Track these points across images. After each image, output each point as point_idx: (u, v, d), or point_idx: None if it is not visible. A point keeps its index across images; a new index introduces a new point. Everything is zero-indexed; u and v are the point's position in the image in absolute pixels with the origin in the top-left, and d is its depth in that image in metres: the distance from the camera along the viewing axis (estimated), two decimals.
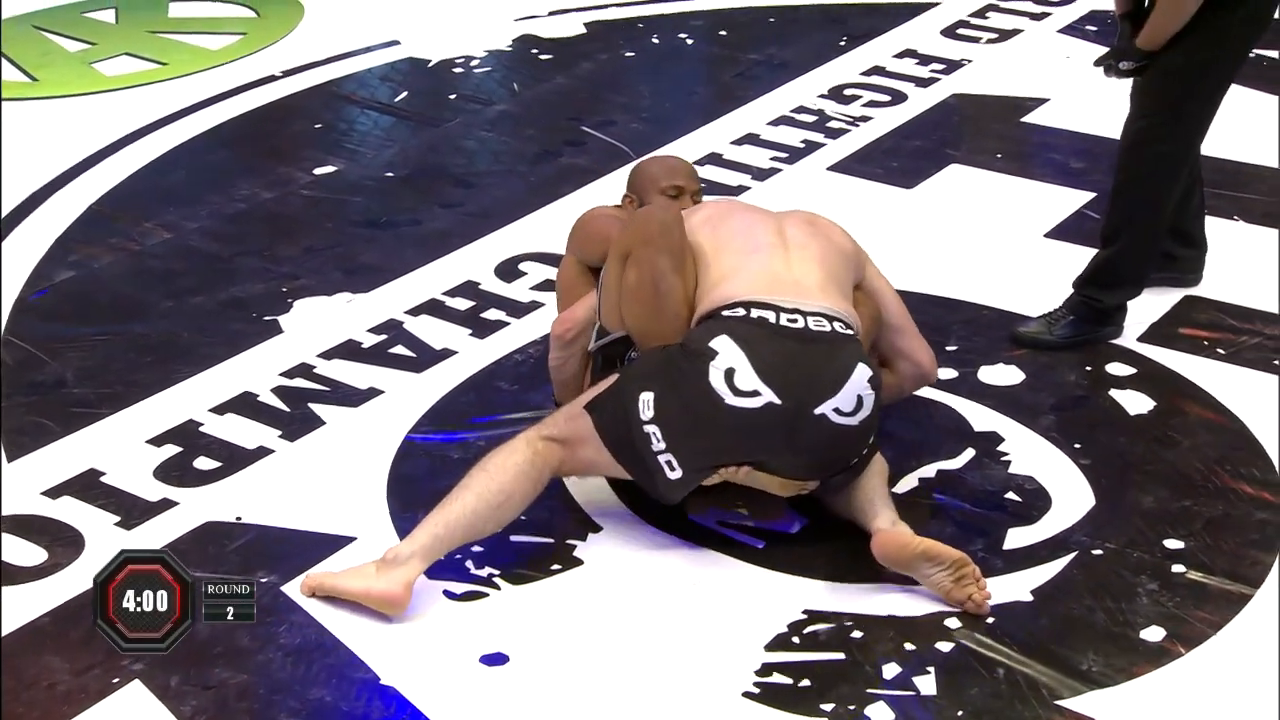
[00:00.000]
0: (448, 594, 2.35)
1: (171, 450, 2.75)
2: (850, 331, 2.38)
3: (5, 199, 3.84)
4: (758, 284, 2.39)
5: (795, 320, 2.32)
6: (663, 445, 2.30)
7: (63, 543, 2.46)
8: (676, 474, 2.31)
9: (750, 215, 2.63)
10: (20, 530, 2.49)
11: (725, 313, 2.35)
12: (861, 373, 2.31)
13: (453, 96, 4.72)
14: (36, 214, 3.79)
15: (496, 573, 2.39)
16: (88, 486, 2.62)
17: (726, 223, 2.56)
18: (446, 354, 3.08)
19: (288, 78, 4.83)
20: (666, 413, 2.29)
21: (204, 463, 2.71)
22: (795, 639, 2.24)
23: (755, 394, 2.26)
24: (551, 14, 5.46)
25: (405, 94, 4.77)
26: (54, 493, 2.61)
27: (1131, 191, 3.00)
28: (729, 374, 2.26)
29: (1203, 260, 3.26)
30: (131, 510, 2.56)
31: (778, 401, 2.27)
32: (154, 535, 2.49)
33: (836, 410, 2.30)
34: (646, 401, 2.30)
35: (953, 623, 2.26)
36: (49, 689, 2.15)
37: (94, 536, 2.48)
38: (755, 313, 2.33)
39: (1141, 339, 3.06)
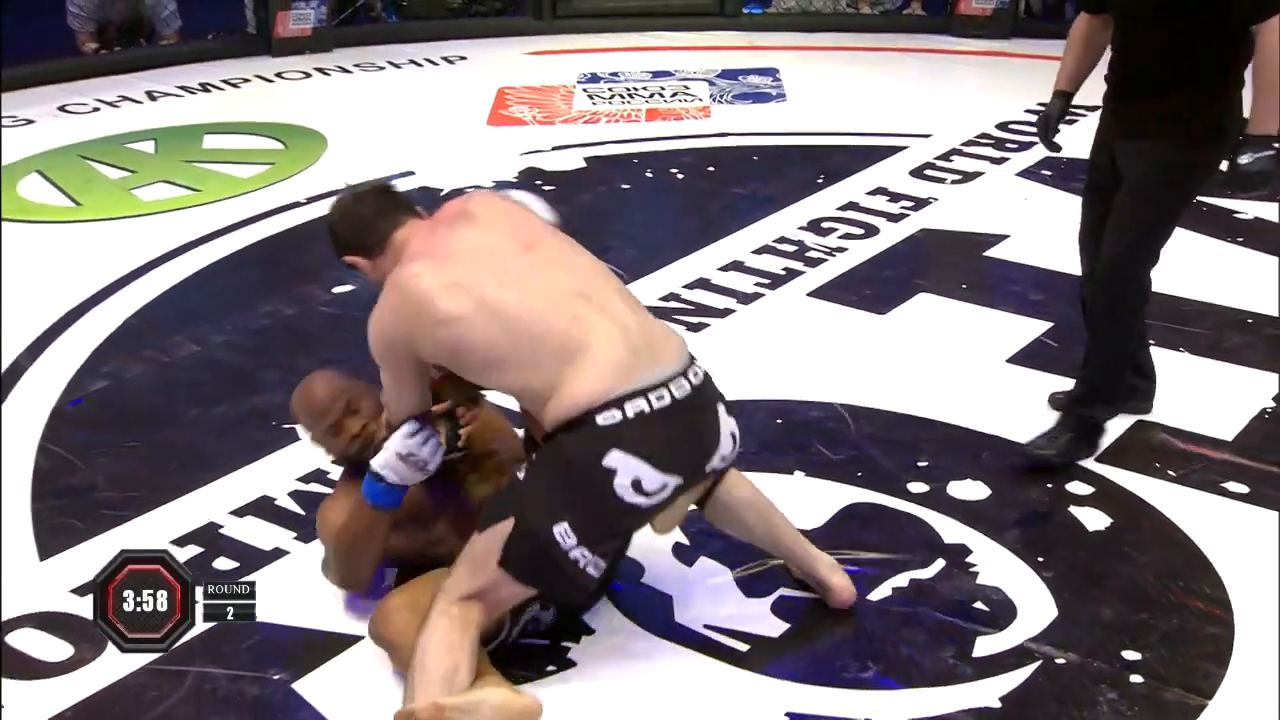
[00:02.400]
0: None
1: (193, 550, 2.72)
2: (701, 373, 2.25)
3: (47, 315, 3.85)
4: (607, 376, 2.14)
5: (663, 398, 2.15)
6: (588, 556, 2.15)
7: (88, 639, 2.41)
8: (598, 568, 2.18)
9: (504, 276, 2.24)
10: (48, 626, 2.45)
11: (600, 420, 2.12)
12: (721, 409, 2.24)
13: None
14: (75, 328, 3.79)
15: None
16: None
17: (504, 298, 2.20)
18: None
19: (311, 204, 4.87)
20: (587, 531, 2.14)
21: (223, 563, 2.68)
22: None
23: (664, 487, 2.15)
24: (554, 149, 5.54)
25: None
26: (81, 591, 2.56)
27: (1119, 311, 2.99)
28: (636, 484, 2.12)
29: (1154, 390, 3.27)
30: None
31: (682, 481, 2.18)
32: None
33: (723, 459, 2.26)
34: (564, 532, 2.12)
35: None
36: None
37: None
38: (629, 409, 2.12)
39: (1099, 460, 3.06)
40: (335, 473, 2.99)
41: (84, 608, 2.50)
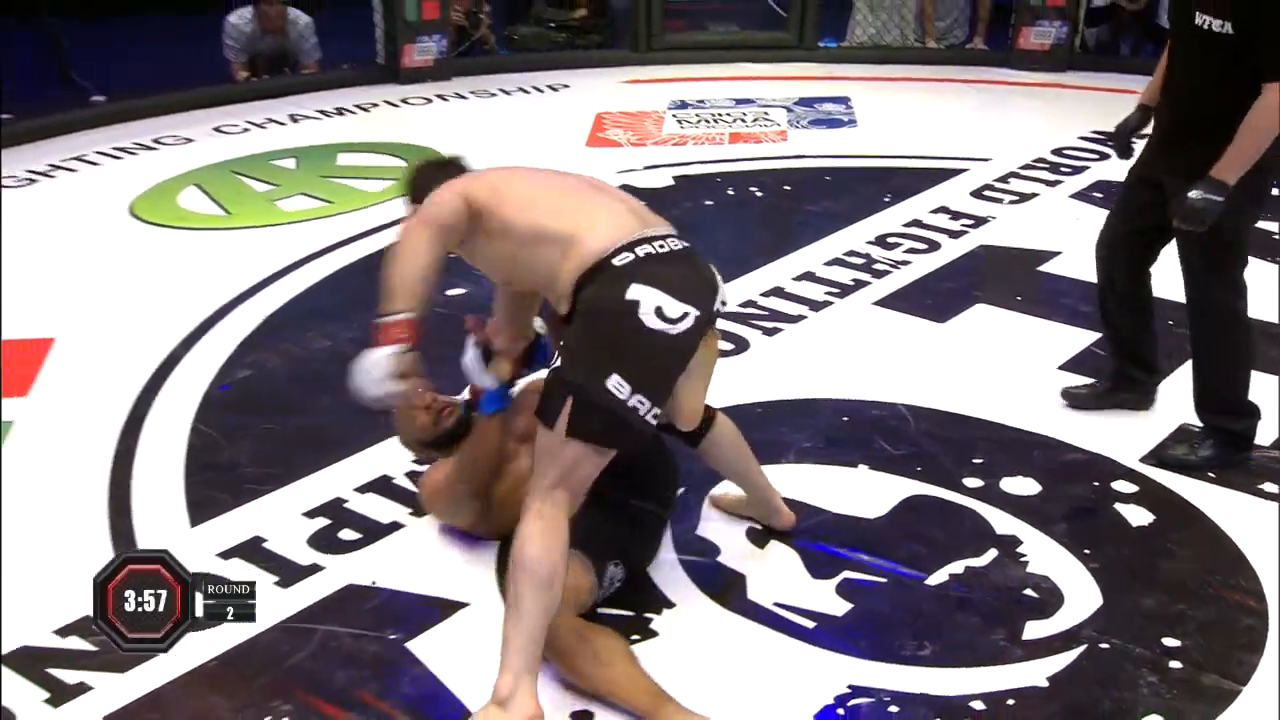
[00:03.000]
0: (544, 657, 2.30)
1: (322, 522, 2.75)
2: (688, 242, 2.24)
3: (202, 311, 3.92)
4: (617, 230, 2.16)
5: (664, 245, 2.16)
6: (646, 404, 2.07)
7: None
8: (655, 416, 2.11)
9: (548, 182, 2.35)
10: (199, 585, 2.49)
11: (616, 262, 2.11)
12: (713, 268, 2.26)
13: None
14: (224, 322, 3.86)
15: None
16: (253, 551, 2.63)
17: (533, 197, 2.26)
18: None
19: None
20: (636, 376, 2.07)
21: (347, 534, 2.71)
22: (840, 710, 2.17)
23: (685, 316, 2.09)
24: (646, 168, 5.53)
25: None
26: (225, 555, 2.62)
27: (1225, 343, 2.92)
28: (659, 311, 2.07)
29: (1155, 385, 3.17)
30: (287, 572, 2.56)
31: (699, 313, 2.12)
32: (305, 594, 2.49)
33: (722, 302, 2.24)
34: (617, 384, 2.05)
35: (978, 704, 2.18)
36: None
37: (258, 593, 2.47)
38: (640, 250, 2.13)
39: (1143, 460, 2.97)
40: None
41: (227, 570, 2.56)
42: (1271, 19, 2.56)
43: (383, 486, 2.90)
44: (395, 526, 2.74)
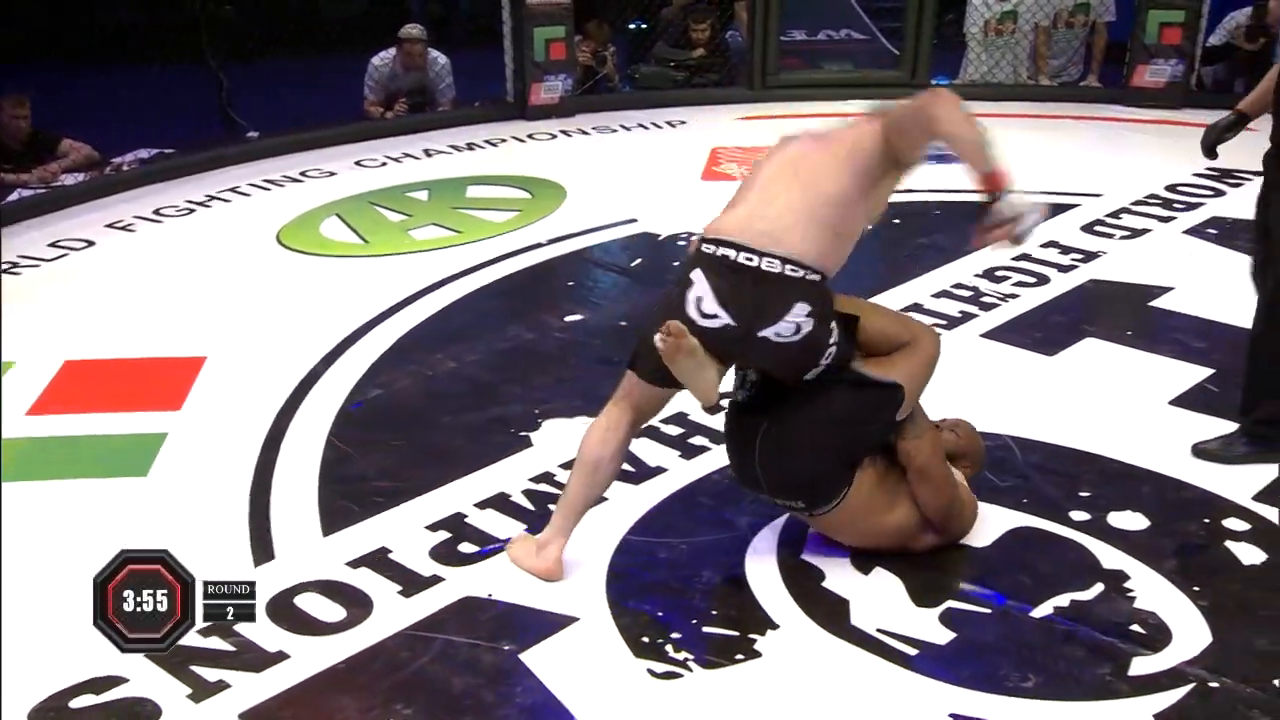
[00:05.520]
0: (650, 672, 2.30)
1: (443, 535, 2.79)
2: (800, 274, 2.35)
3: (339, 332, 4.02)
4: (737, 224, 2.40)
5: (751, 260, 2.34)
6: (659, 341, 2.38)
7: (358, 604, 2.51)
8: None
9: (783, 157, 2.52)
10: (327, 592, 2.56)
11: (705, 248, 2.40)
12: (800, 308, 2.35)
13: (676, 264, 4.71)
14: (359, 344, 3.96)
15: (691, 658, 2.33)
16: (379, 560, 2.68)
17: (768, 159, 2.53)
18: (659, 470, 3.07)
19: (550, 245, 4.98)
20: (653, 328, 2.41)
21: (467, 547, 2.74)
22: None
23: (715, 316, 2.36)
24: None
25: (639, 260, 4.86)
26: (354, 564, 2.67)
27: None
28: (698, 301, 2.37)
29: None
30: (410, 582, 2.60)
31: (731, 323, 2.35)
32: (426, 604, 2.52)
33: (777, 334, 2.36)
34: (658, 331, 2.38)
35: None
36: None
37: (381, 602, 2.53)
38: (721, 251, 2.37)
39: (1256, 498, 2.83)
40: (560, 475, 3.04)
41: (355, 578, 2.61)
42: None
43: (500, 503, 2.93)
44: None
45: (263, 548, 2.74)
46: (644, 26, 8.75)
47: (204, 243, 5.16)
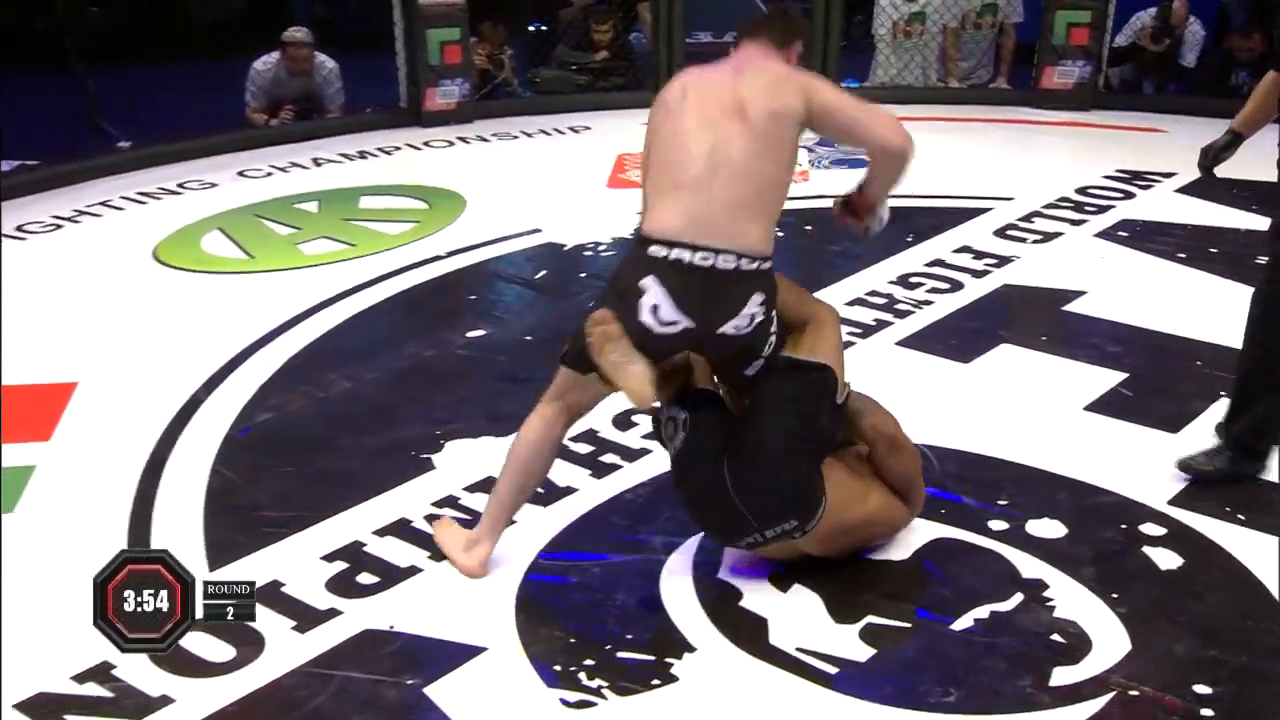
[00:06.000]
0: (563, 701, 2.30)
1: (340, 566, 2.75)
2: (754, 266, 2.43)
3: (223, 354, 3.96)
4: (681, 222, 2.41)
5: (707, 259, 2.39)
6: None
7: (249, 642, 2.46)
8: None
9: (701, 118, 2.47)
10: (215, 631, 2.49)
11: (651, 250, 2.41)
12: (755, 299, 2.44)
13: (583, 275, 4.80)
14: (246, 365, 3.89)
15: (605, 685, 2.34)
16: (271, 595, 2.63)
17: (680, 128, 2.47)
18: (569, 490, 3.07)
19: (450, 258, 4.96)
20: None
21: (365, 578, 2.71)
22: None
23: (675, 323, 2.41)
24: None
25: (544, 272, 4.86)
26: None
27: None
28: (654, 309, 2.40)
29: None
30: (305, 617, 2.56)
31: (691, 325, 2.42)
32: (323, 639, 2.48)
33: (735, 328, 2.44)
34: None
35: None
36: None
37: (274, 638, 2.48)
38: (674, 254, 2.39)
39: (1171, 503, 2.95)
40: (464, 498, 3.02)
41: None
42: None
43: (402, 529, 2.91)
44: (413, 570, 2.74)
45: None
46: (543, 28, 8.79)
47: (73, 261, 5.03)
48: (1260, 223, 5.11)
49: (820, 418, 2.52)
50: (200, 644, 2.45)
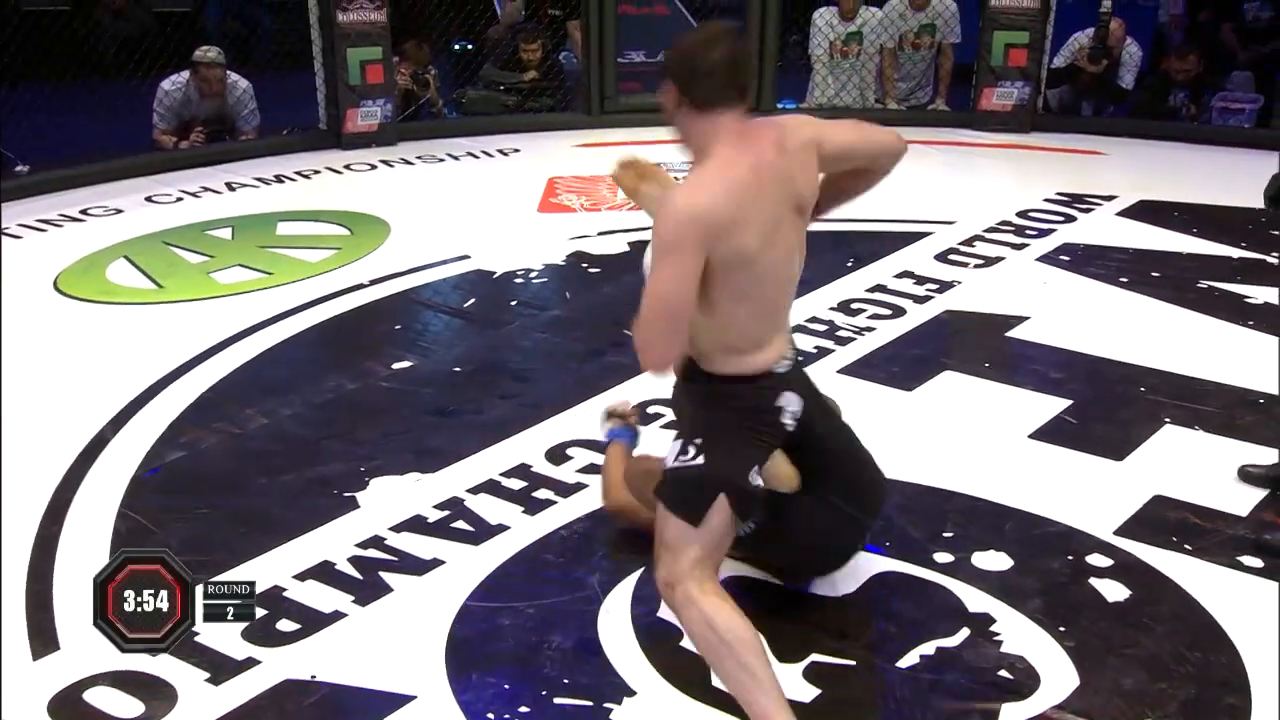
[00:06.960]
0: None
1: (258, 613, 2.70)
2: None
3: (130, 389, 3.89)
4: (781, 345, 2.55)
5: (791, 358, 2.60)
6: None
7: (159, 696, 2.41)
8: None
9: (792, 241, 2.51)
10: (122, 684, 2.44)
11: (778, 370, 2.53)
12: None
13: (513, 303, 4.80)
14: (155, 401, 3.83)
15: None
16: (182, 645, 2.54)
17: (778, 257, 2.46)
18: (501, 529, 3.06)
19: (374, 286, 4.93)
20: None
21: (285, 625, 2.67)
22: None
23: (798, 411, 2.56)
24: (600, 234, 5.59)
25: (473, 300, 4.86)
26: (154, 650, 2.56)
27: None
28: (793, 414, 2.54)
29: None
30: (220, 667, 2.51)
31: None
32: (239, 691, 2.44)
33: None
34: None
35: None
36: None
37: (186, 691, 2.43)
38: (784, 366, 2.55)
39: (1117, 533, 3.01)
40: (390, 539, 3.00)
41: (157, 667, 2.50)
42: None
43: (324, 573, 2.87)
44: (337, 616, 2.71)
45: (44, 639, 2.61)
46: (469, 47, 8.80)
47: None
48: (1203, 246, 5.30)
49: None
50: (106, 699, 2.40)
